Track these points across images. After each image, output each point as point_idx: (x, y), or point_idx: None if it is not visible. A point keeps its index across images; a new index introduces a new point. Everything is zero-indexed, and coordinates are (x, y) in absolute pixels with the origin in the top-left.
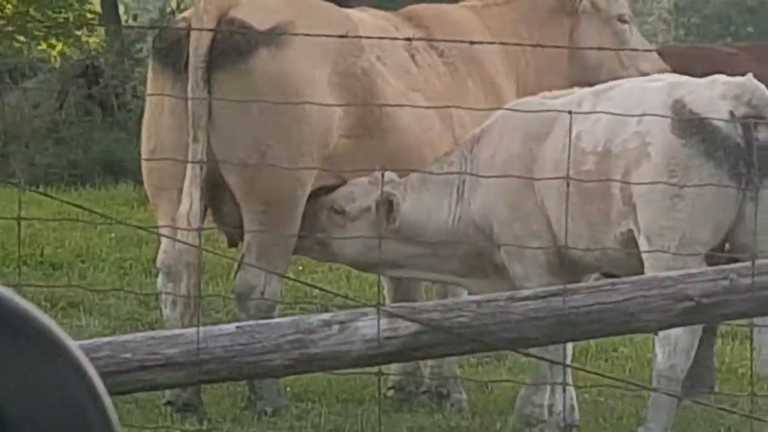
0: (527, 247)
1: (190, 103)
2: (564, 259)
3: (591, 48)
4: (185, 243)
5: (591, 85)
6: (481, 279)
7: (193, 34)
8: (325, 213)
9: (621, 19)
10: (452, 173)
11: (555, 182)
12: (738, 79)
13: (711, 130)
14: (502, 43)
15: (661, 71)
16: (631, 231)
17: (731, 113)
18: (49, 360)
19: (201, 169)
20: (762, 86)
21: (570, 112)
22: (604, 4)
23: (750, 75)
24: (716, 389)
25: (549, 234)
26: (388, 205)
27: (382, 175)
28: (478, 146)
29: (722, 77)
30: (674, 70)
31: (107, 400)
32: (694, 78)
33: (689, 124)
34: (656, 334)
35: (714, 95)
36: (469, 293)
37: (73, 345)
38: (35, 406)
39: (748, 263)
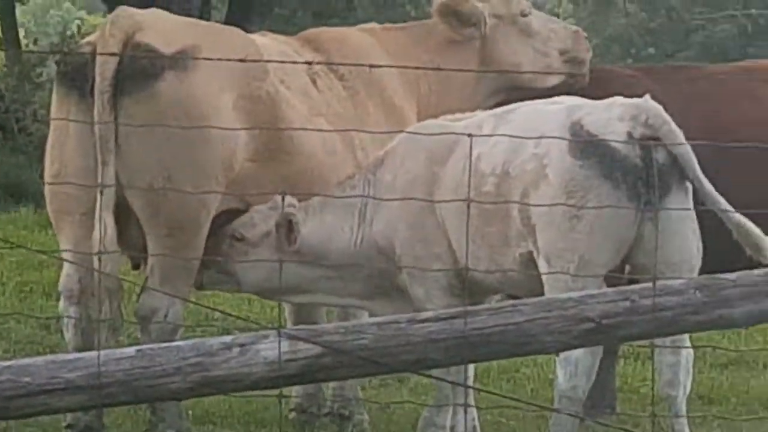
0: (429, 269)
1: (96, 127)
2: (465, 280)
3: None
4: (95, 269)
5: (520, 89)
6: (384, 302)
7: (99, 59)
8: (227, 242)
9: (523, 14)
10: (355, 196)
11: (456, 204)
12: (636, 100)
13: (608, 151)
14: (401, 67)
15: (577, 40)
16: (530, 252)
17: (629, 134)
18: None
19: (104, 193)
20: (660, 107)
21: (470, 135)
22: (504, 10)
23: (647, 96)
24: (617, 410)
25: (450, 256)
26: (287, 226)
27: (283, 199)
28: (382, 169)
29: (620, 99)
30: (575, 92)
31: None
32: (592, 100)
33: (587, 146)
34: (557, 355)
35: (612, 116)
36: (371, 316)
37: None
38: None
39: (650, 284)
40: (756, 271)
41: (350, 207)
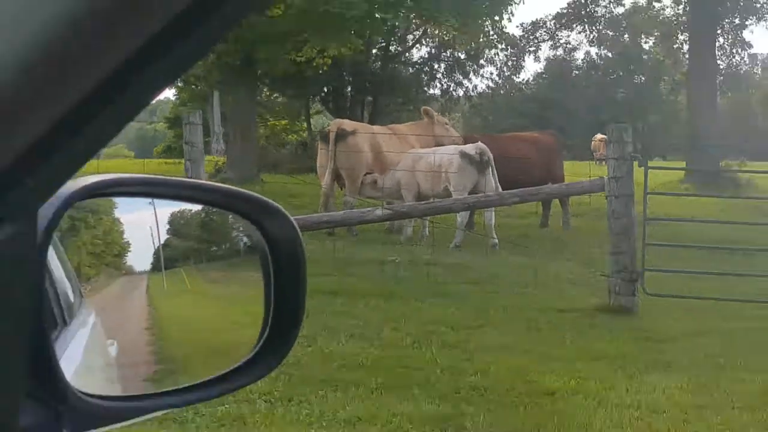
0: (410, 189)
1: (330, 152)
2: (421, 194)
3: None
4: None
5: (442, 144)
6: (398, 200)
7: (331, 132)
8: (364, 183)
9: (446, 123)
10: (393, 169)
11: (422, 173)
12: (479, 143)
13: (470, 157)
14: (416, 135)
15: (457, 138)
16: (446, 186)
17: (475, 152)
18: (282, 220)
19: (329, 171)
20: (484, 146)
21: (432, 154)
22: (441, 119)
23: (479, 142)
24: (474, 228)
25: (417, 187)
26: (373, 181)
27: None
28: (401, 163)
29: (477, 144)
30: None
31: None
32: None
33: (464, 156)
34: (458, 213)
35: (471, 148)
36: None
37: (287, 212)
38: (284, 239)
39: (488, 193)
40: (519, 189)
41: (393, 173)
